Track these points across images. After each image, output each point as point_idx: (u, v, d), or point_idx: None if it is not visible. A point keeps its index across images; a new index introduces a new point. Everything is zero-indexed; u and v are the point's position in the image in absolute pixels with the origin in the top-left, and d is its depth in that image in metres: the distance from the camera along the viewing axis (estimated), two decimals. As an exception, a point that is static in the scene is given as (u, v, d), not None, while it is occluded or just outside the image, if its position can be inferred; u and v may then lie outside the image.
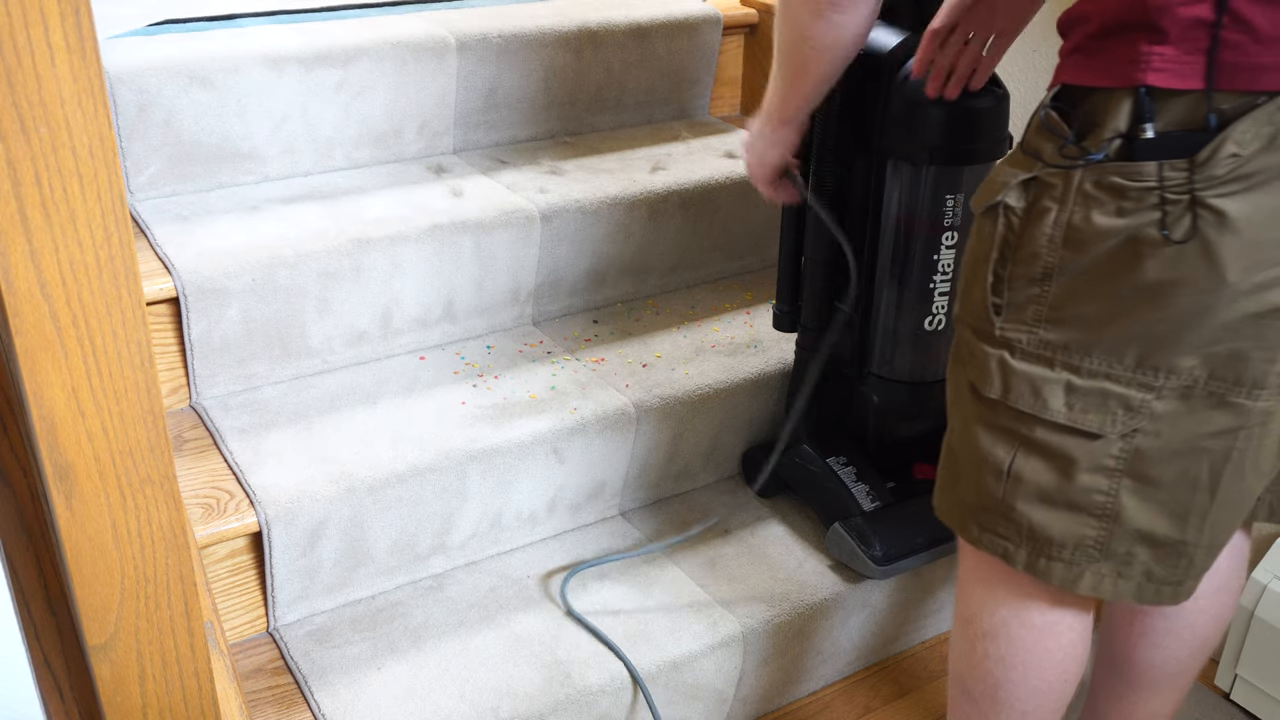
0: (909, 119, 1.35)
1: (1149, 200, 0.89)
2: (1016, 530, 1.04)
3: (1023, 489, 1.02)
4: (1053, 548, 1.02)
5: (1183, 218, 0.88)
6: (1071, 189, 0.93)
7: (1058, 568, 1.03)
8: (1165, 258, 0.89)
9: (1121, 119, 0.89)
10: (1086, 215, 0.92)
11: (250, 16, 1.79)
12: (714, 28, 2.00)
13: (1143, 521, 0.99)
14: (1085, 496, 0.99)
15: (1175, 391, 0.93)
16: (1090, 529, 1.00)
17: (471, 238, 1.58)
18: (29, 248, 0.75)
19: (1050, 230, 0.95)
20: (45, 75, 0.71)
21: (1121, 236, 0.90)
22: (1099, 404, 0.96)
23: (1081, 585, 1.03)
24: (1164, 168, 0.87)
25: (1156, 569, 1.01)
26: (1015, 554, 1.05)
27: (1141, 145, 0.88)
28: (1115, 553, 1.01)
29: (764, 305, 1.80)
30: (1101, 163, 0.90)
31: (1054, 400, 0.97)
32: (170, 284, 1.39)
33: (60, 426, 0.80)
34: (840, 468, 1.55)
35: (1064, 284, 0.95)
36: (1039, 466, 1.01)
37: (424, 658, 1.33)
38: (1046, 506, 1.01)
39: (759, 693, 1.49)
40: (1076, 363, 0.96)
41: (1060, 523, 1.01)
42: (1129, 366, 0.94)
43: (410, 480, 1.37)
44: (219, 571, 1.33)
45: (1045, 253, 0.96)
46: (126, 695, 0.93)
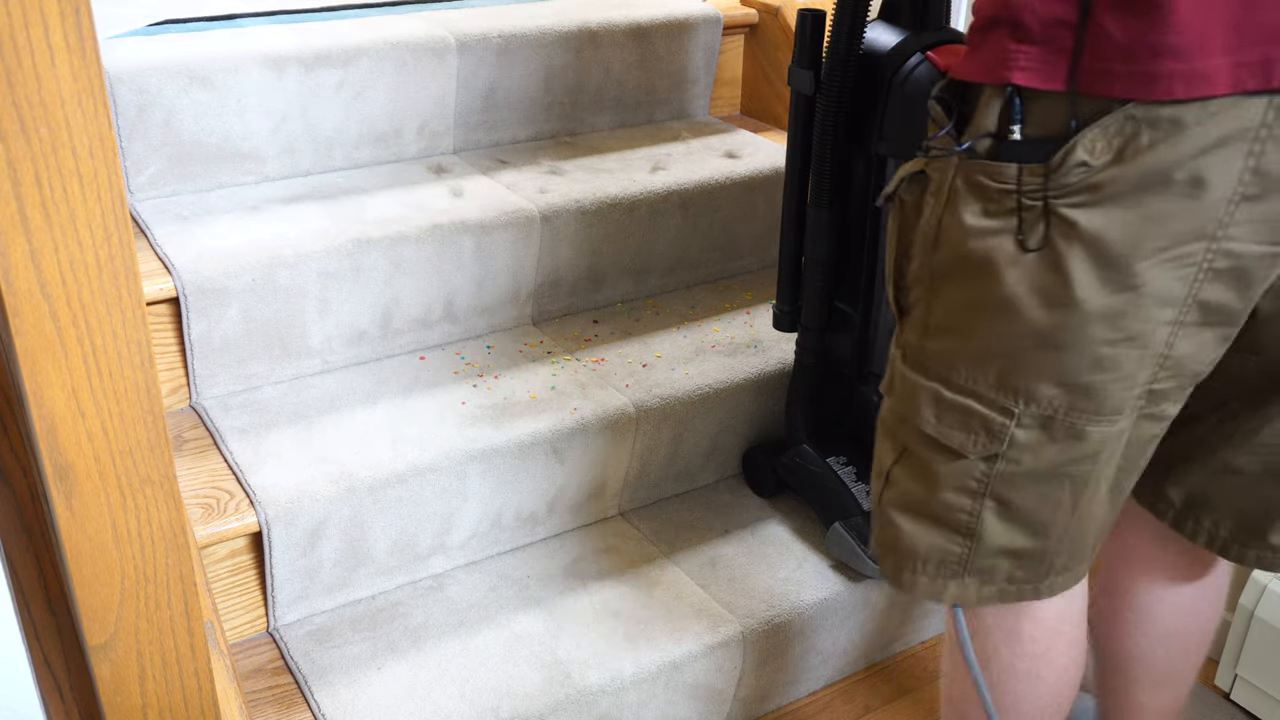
0: (908, 119, 1.35)
1: (1008, 204, 0.86)
2: (887, 538, 1.02)
3: (895, 495, 1.01)
4: (916, 561, 1.01)
5: (1036, 225, 0.85)
6: (945, 185, 0.90)
7: (921, 581, 1.01)
8: (1021, 267, 0.87)
9: (992, 117, 0.87)
10: (955, 213, 0.90)
11: (250, 16, 1.79)
12: (714, 28, 2.00)
13: (1003, 539, 0.97)
14: (949, 513, 0.97)
15: (1035, 420, 0.91)
16: (955, 545, 0.98)
17: (472, 238, 1.58)
18: (29, 248, 0.75)
19: (927, 228, 0.93)
20: (45, 75, 0.71)
21: (983, 240, 0.88)
22: (963, 422, 0.93)
23: (945, 596, 1.01)
24: (1023, 172, 0.85)
25: (1017, 573, 1.00)
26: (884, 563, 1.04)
27: (1007, 146, 0.86)
28: (977, 567, 0.99)
29: (764, 305, 1.80)
30: (969, 158, 0.88)
31: (925, 410, 0.95)
32: (170, 284, 1.39)
33: (60, 426, 0.80)
34: (840, 468, 1.55)
35: (938, 288, 0.93)
36: (909, 475, 0.99)
37: (424, 658, 1.33)
38: (914, 518, 1.00)
39: (759, 693, 1.49)
40: (946, 375, 0.93)
41: (925, 538, 0.99)
42: (991, 386, 0.91)
43: (410, 480, 1.37)
44: (219, 571, 1.33)
45: (923, 252, 0.94)
46: (126, 695, 0.93)
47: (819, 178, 1.44)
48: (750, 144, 1.94)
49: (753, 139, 1.96)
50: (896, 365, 0.99)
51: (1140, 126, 0.81)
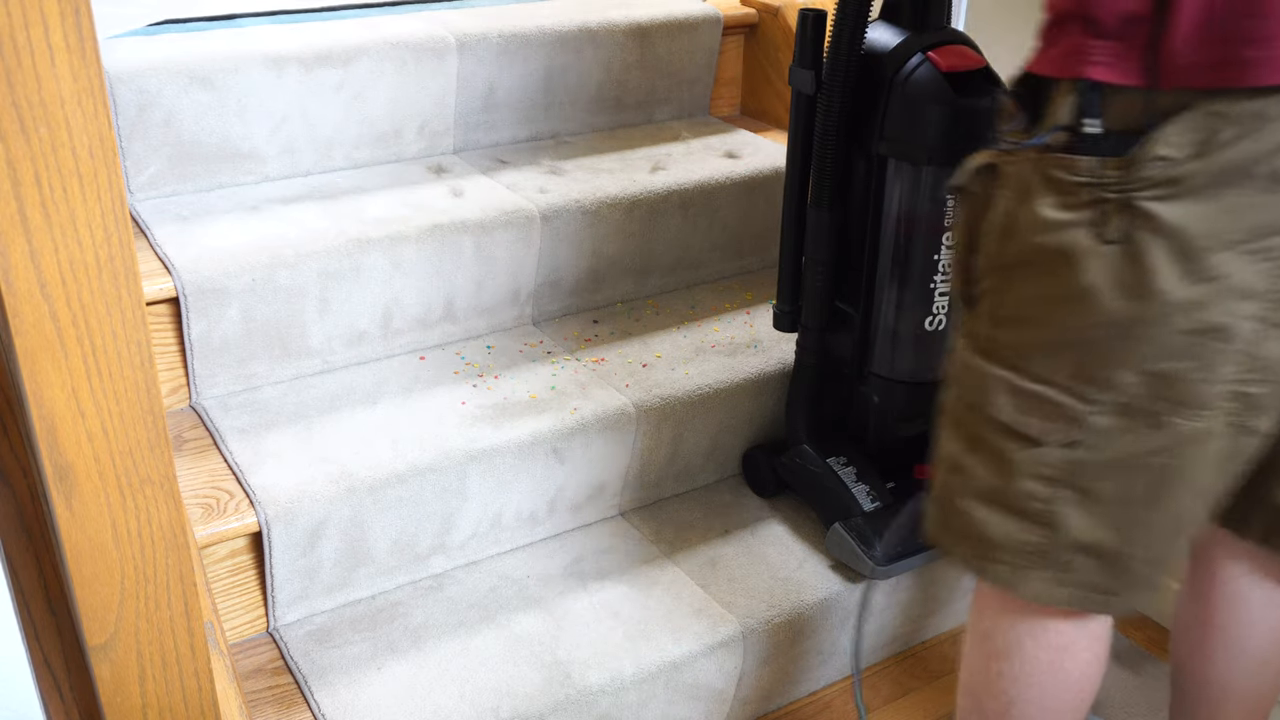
0: (909, 119, 1.35)
1: (1085, 197, 0.87)
2: (960, 527, 1.02)
3: (969, 485, 1.00)
4: (994, 549, 1.00)
5: (1116, 219, 0.86)
6: (1018, 178, 0.91)
7: (1001, 570, 1.01)
8: (1099, 260, 0.87)
9: (1066, 111, 0.87)
10: (1028, 206, 0.90)
11: (250, 16, 1.79)
12: (714, 28, 2.00)
13: (1081, 532, 0.96)
14: (1024, 502, 0.97)
15: (1114, 407, 0.91)
16: (1031, 535, 0.98)
17: (471, 238, 1.58)
18: (29, 248, 0.75)
19: (999, 220, 0.93)
20: (45, 75, 0.71)
21: (1059, 233, 0.88)
22: (1040, 409, 0.93)
23: (1023, 590, 1.00)
24: (1102, 165, 0.85)
25: (1096, 578, 0.98)
26: (961, 551, 1.04)
27: (1083, 140, 0.86)
28: (1055, 560, 0.98)
29: (764, 305, 1.80)
30: (1043, 152, 0.88)
31: (999, 399, 0.95)
32: (170, 284, 1.39)
33: (60, 426, 0.80)
34: (840, 468, 1.55)
35: (1010, 279, 0.94)
36: (984, 464, 0.99)
37: (424, 658, 1.33)
38: (989, 506, 0.99)
39: (759, 693, 1.49)
40: (1020, 364, 0.94)
41: (1002, 524, 0.99)
42: (1068, 375, 0.91)
43: (410, 480, 1.37)
44: (219, 571, 1.33)
45: (994, 243, 0.94)
46: (126, 695, 0.93)
47: (820, 178, 1.44)
48: (750, 144, 1.94)
49: (753, 139, 1.96)
50: (965, 354, 0.99)
51: (1221, 121, 0.81)
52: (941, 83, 1.33)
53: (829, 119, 1.40)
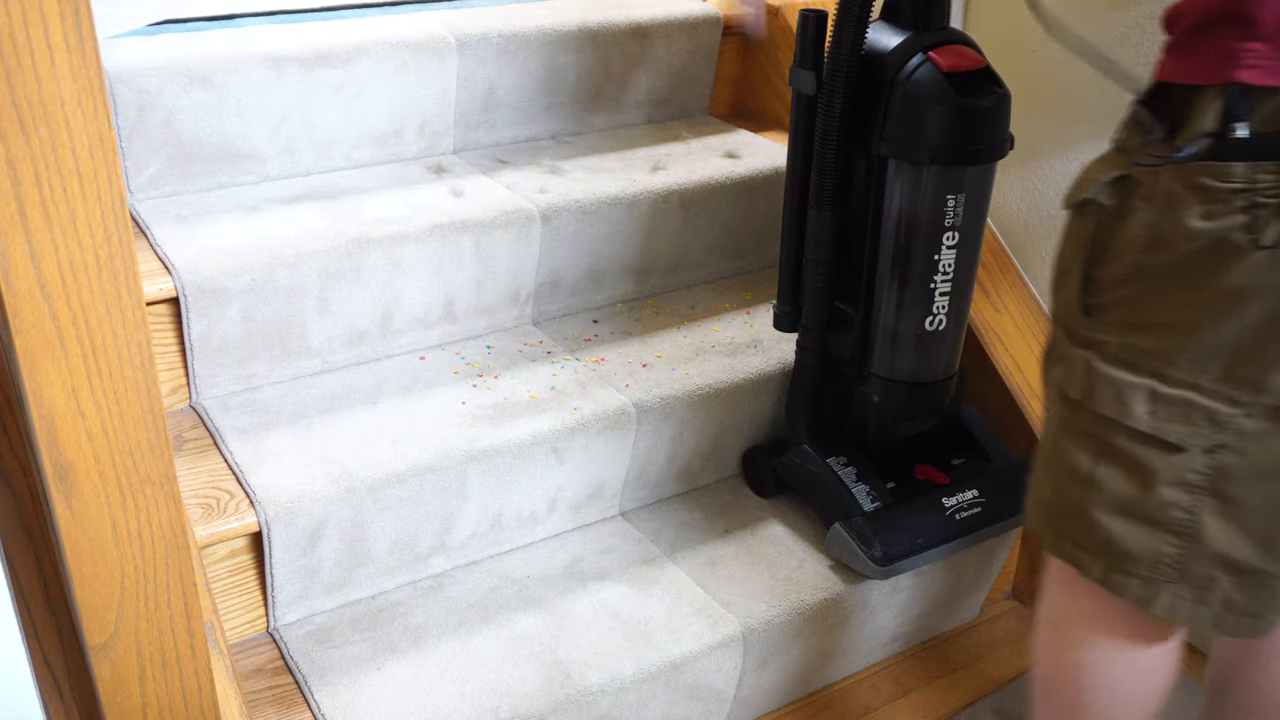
0: (910, 119, 1.35)
1: (1237, 203, 0.85)
2: (1093, 541, 1.00)
3: (1101, 497, 0.98)
4: (1129, 562, 0.98)
5: (1272, 222, 0.84)
6: (1159, 188, 0.90)
7: (1134, 584, 0.98)
8: (1253, 264, 0.86)
9: (1211, 118, 0.86)
10: (1174, 216, 0.89)
11: (250, 16, 1.79)
12: (714, 28, 2.00)
13: (1224, 544, 0.95)
14: (1164, 511, 0.95)
15: (1264, 410, 0.90)
16: (1169, 546, 0.96)
17: (471, 238, 1.58)
18: (29, 248, 0.75)
19: (1138, 230, 0.92)
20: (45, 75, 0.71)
21: (1208, 240, 0.87)
22: (1183, 414, 0.92)
23: (1157, 606, 0.98)
24: (1255, 170, 0.84)
25: (1237, 597, 0.96)
26: (1090, 565, 1.01)
27: (1231, 145, 0.85)
28: (1194, 575, 0.96)
29: (764, 305, 1.80)
30: (1189, 162, 0.87)
31: (1137, 407, 0.94)
32: (170, 284, 1.39)
33: (60, 426, 0.80)
34: (840, 468, 1.55)
35: (1151, 287, 0.92)
36: (1118, 475, 0.97)
37: (424, 658, 1.33)
38: (1124, 518, 0.97)
39: (759, 693, 1.49)
40: (1162, 370, 0.92)
41: (1137, 536, 0.97)
42: (1215, 378, 0.90)
43: (410, 480, 1.37)
44: (219, 571, 1.33)
45: (1133, 253, 0.93)
46: (126, 695, 0.93)
47: (820, 178, 1.44)
48: (750, 144, 1.94)
49: (753, 139, 1.96)
50: (1094, 365, 0.96)
51: None
52: (942, 83, 1.33)
53: (829, 119, 1.40)
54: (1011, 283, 1.79)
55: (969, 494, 1.55)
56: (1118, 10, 1.55)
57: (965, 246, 1.41)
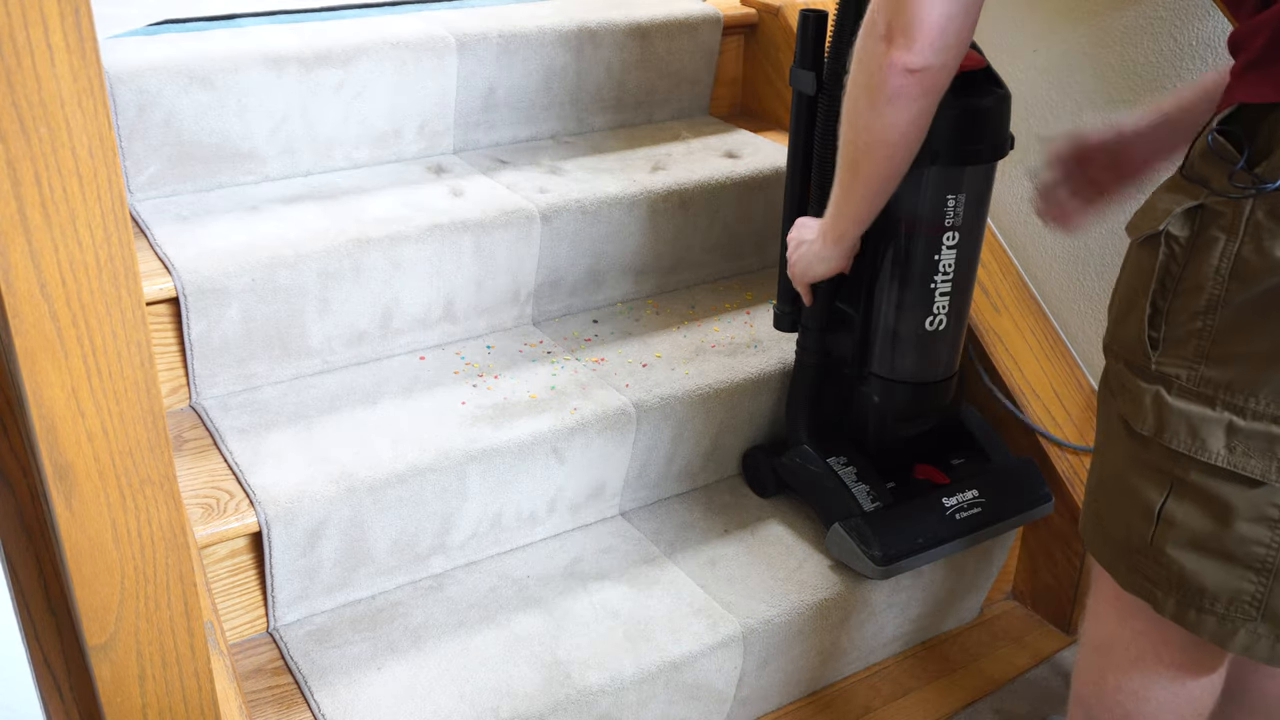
0: (909, 119, 1.35)
1: None
2: (1166, 577, 0.97)
3: (1174, 534, 0.96)
4: (1205, 599, 0.95)
5: None
6: (1243, 219, 0.87)
7: (1209, 621, 0.96)
8: None
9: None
10: (1259, 246, 0.86)
11: (250, 16, 1.79)
12: (714, 28, 2.00)
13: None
14: (1243, 547, 0.92)
15: None
16: (1248, 583, 0.93)
17: (471, 238, 1.58)
18: (29, 248, 0.75)
19: (1217, 261, 0.89)
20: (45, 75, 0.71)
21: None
22: (1264, 448, 0.89)
23: (1234, 644, 0.96)
24: None
25: None
26: (1164, 602, 0.98)
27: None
28: (1275, 612, 0.93)
29: (764, 305, 1.80)
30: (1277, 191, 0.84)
31: (1214, 442, 0.91)
32: (170, 284, 1.39)
33: (60, 426, 0.80)
34: (840, 468, 1.55)
35: (1230, 318, 0.89)
36: (1193, 511, 0.94)
37: (424, 658, 1.33)
38: (1200, 554, 0.94)
39: (759, 693, 1.49)
40: (1241, 403, 0.90)
41: (1214, 573, 0.94)
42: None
43: (410, 480, 1.37)
44: (219, 571, 1.33)
45: (1211, 285, 0.90)
46: (126, 695, 0.93)
47: (821, 179, 1.44)
48: (750, 144, 1.94)
49: (753, 139, 1.96)
50: (1164, 399, 0.94)
51: None
52: (942, 83, 1.33)
53: (830, 119, 1.40)
54: (1012, 283, 1.79)
55: (969, 494, 1.55)
56: (1117, 10, 1.55)
57: (965, 246, 1.41)
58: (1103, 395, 1.03)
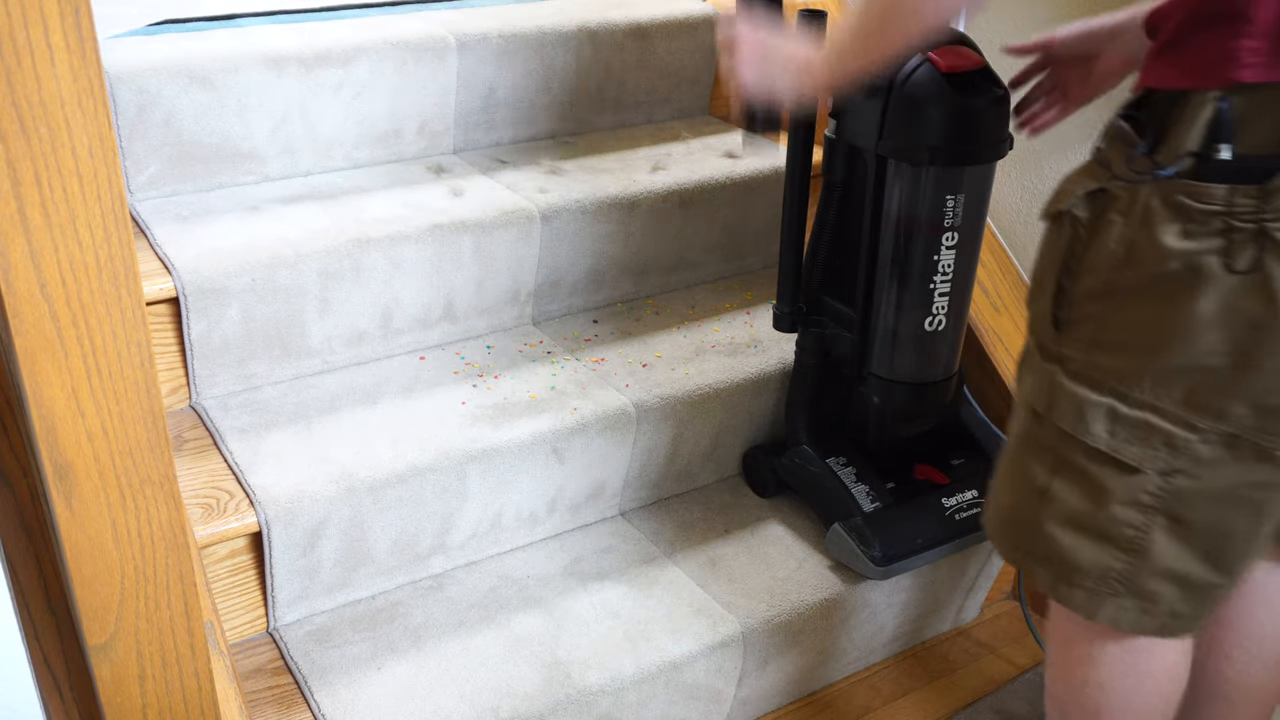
0: (910, 119, 1.35)
1: (1214, 225, 0.84)
2: (1044, 551, 1.01)
3: (1054, 510, 0.99)
4: (1077, 575, 0.99)
5: (1247, 248, 0.83)
6: (1138, 204, 0.88)
7: (1078, 595, 1.00)
8: (1225, 289, 0.85)
9: (1197, 134, 0.84)
10: (1150, 233, 0.87)
11: (250, 16, 1.79)
12: (714, 28, 2.00)
13: (1172, 561, 0.95)
14: (1116, 528, 0.96)
15: (1221, 438, 0.90)
16: (1117, 562, 0.97)
17: (471, 238, 1.58)
18: (29, 248, 0.75)
19: (1113, 246, 0.90)
20: (45, 75, 0.71)
21: (1182, 260, 0.86)
22: (1142, 437, 0.92)
23: (1100, 616, 1.00)
24: (1234, 193, 0.83)
25: (1179, 607, 0.98)
26: (1039, 574, 1.02)
27: (1214, 166, 0.83)
28: (1140, 589, 0.97)
29: (764, 305, 1.80)
30: (1170, 179, 0.86)
31: (1096, 425, 0.94)
32: (170, 284, 1.39)
33: (60, 426, 0.80)
34: (840, 468, 1.55)
35: (1120, 305, 0.91)
36: (1074, 490, 0.97)
37: (424, 658, 1.33)
38: (1075, 532, 0.98)
39: (759, 693, 1.49)
40: (1124, 390, 0.92)
41: (1087, 551, 0.98)
42: (1176, 403, 0.90)
43: (410, 480, 1.37)
44: (219, 571, 1.33)
45: (1106, 269, 0.91)
46: (126, 695, 0.93)
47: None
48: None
49: (753, 139, 1.96)
50: (1058, 379, 0.96)
51: None
52: (942, 83, 1.33)
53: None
54: (1012, 283, 1.79)
55: (969, 494, 1.55)
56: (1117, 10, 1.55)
57: (965, 246, 1.41)
58: (1018, 374, 1.05)
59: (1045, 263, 0.99)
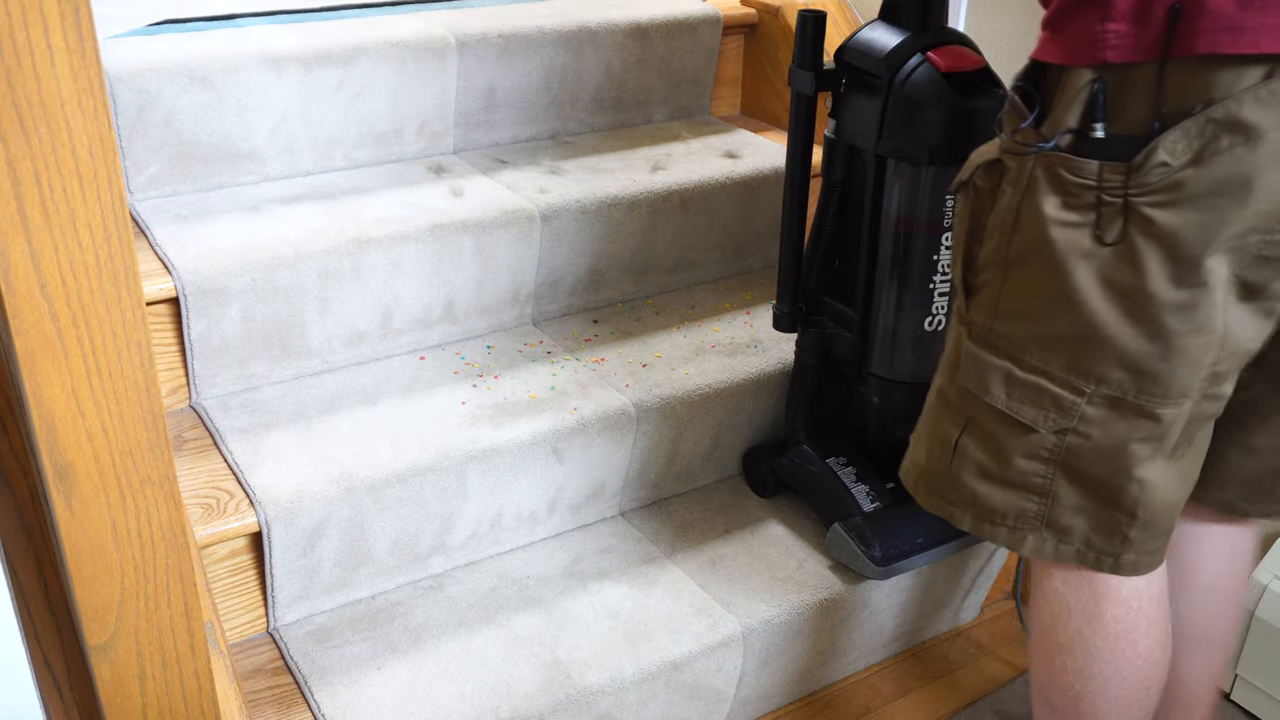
0: (909, 119, 1.35)
1: (1087, 199, 0.90)
2: (962, 498, 1.07)
3: (966, 463, 1.05)
4: (996, 515, 1.05)
5: (1115, 221, 0.89)
6: (1024, 175, 0.93)
7: (1002, 532, 1.06)
8: (1097, 260, 0.91)
9: (1075, 113, 0.90)
10: (1034, 204, 0.93)
11: (250, 16, 1.79)
12: (714, 28, 2.00)
13: (1078, 501, 1.02)
14: (1023, 479, 1.02)
15: (1105, 400, 0.95)
16: (1030, 504, 1.03)
17: (471, 238, 1.58)
18: (29, 248, 0.75)
19: (1004, 215, 0.96)
20: (45, 75, 0.71)
21: (1061, 231, 0.92)
22: (1034, 398, 0.98)
23: (1025, 547, 1.05)
24: (1104, 169, 0.88)
25: (1095, 539, 1.03)
26: (961, 517, 1.08)
27: (1088, 143, 0.89)
28: (1056, 523, 1.03)
29: (764, 305, 1.80)
30: (1051, 152, 0.91)
31: (995, 387, 1.00)
32: (170, 284, 1.39)
33: (60, 426, 0.80)
34: (840, 468, 1.55)
35: (1012, 273, 0.97)
36: (980, 446, 1.03)
37: (424, 658, 1.33)
38: (987, 482, 1.04)
39: (759, 693, 1.49)
40: (1017, 355, 0.98)
41: (1001, 497, 1.04)
42: (1062, 367, 0.96)
43: (410, 480, 1.37)
44: (219, 571, 1.33)
45: (998, 238, 0.97)
46: (126, 695, 0.93)
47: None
48: (750, 144, 1.94)
49: (753, 139, 1.96)
50: (963, 342, 1.02)
51: (1219, 130, 0.84)
52: (941, 83, 1.33)
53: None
54: (1011, 283, 1.78)
55: (969, 494, 1.55)
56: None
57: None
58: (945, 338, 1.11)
59: (957, 231, 1.04)
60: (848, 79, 1.42)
